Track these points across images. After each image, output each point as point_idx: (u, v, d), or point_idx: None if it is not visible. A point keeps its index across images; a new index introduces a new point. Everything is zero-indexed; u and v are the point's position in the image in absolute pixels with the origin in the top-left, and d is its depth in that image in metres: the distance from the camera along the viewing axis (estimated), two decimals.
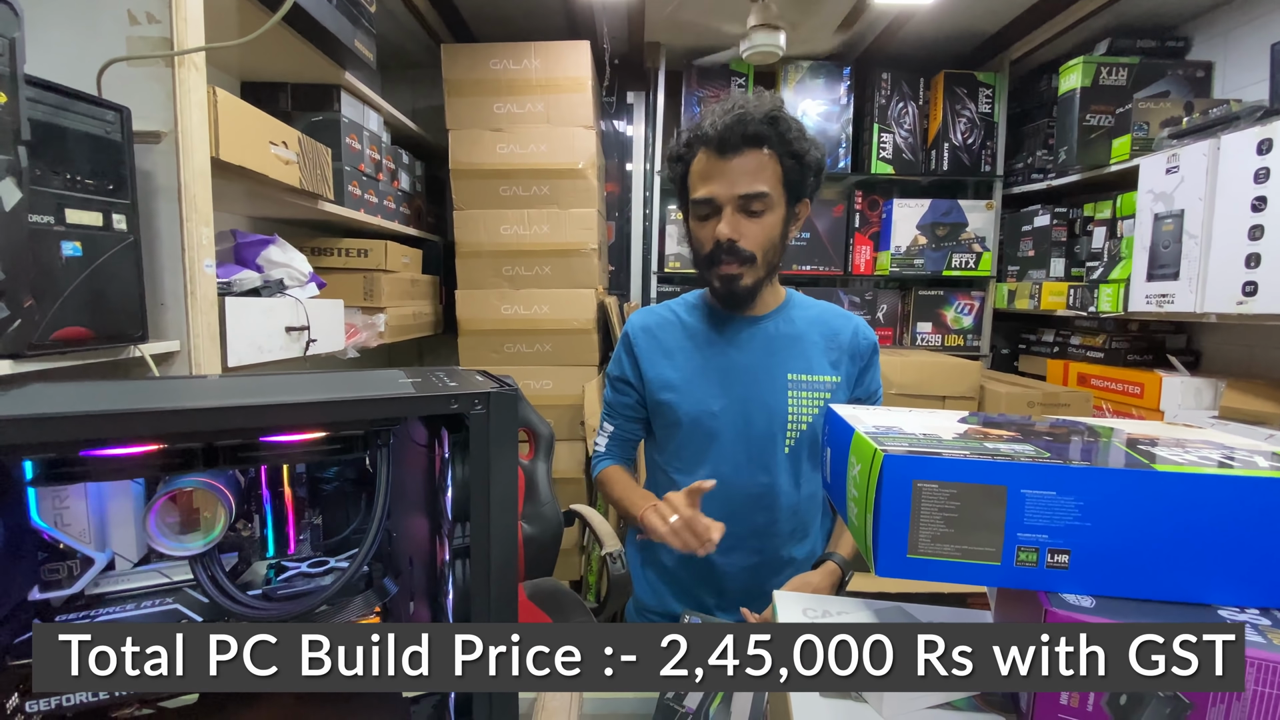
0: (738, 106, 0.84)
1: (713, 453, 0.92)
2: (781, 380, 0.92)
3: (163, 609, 0.56)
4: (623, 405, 1.00)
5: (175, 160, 0.96)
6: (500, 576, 0.56)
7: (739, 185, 0.84)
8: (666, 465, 0.97)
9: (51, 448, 0.45)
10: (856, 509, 0.53)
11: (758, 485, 0.91)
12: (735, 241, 0.85)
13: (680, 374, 0.94)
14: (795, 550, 0.94)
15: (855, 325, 0.98)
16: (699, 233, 0.89)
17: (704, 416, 0.91)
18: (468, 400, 0.54)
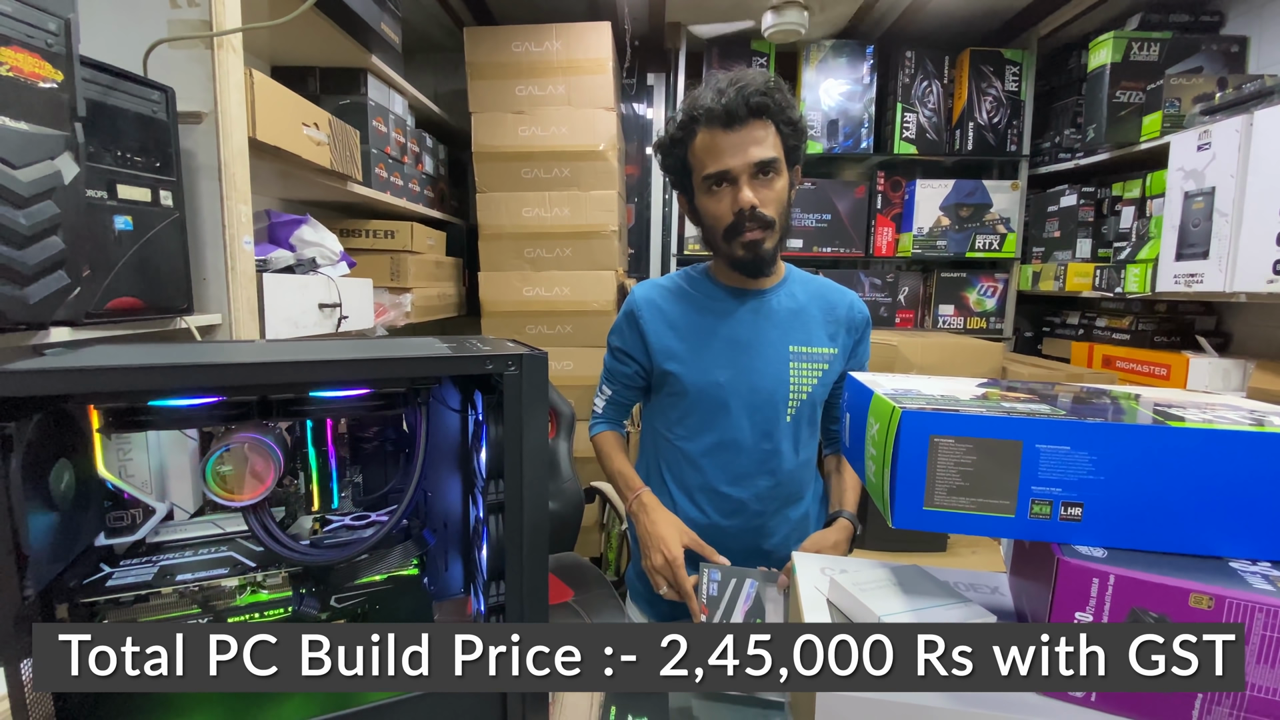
0: (735, 81, 0.86)
1: (719, 421, 0.95)
2: (784, 352, 0.95)
3: (218, 555, 0.60)
4: (622, 374, 1.04)
5: (215, 140, 1.00)
6: (533, 529, 0.59)
7: (751, 153, 0.86)
8: (670, 432, 1.00)
9: (121, 397, 0.48)
10: (874, 466, 0.55)
11: (762, 451, 0.95)
12: (756, 207, 0.87)
13: (686, 345, 0.97)
14: (791, 512, 0.98)
15: (850, 300, 1.01)
16: (713, 208, 0.91)
17: (710, 387, 0.94)
18: (501, 361, 0.57)
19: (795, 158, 0.92)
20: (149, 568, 0.57)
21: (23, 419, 0.45)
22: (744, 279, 0.97)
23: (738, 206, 0.88)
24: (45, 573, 0.48)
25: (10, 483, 0.44)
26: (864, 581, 0.59)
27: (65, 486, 0.51)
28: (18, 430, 0.45)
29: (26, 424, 0.46)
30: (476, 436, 0.69)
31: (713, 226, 0.92)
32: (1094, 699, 0.46)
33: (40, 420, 0.49)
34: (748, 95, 0.85)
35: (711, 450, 0.96)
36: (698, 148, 0.90)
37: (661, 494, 1.00)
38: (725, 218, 0.90)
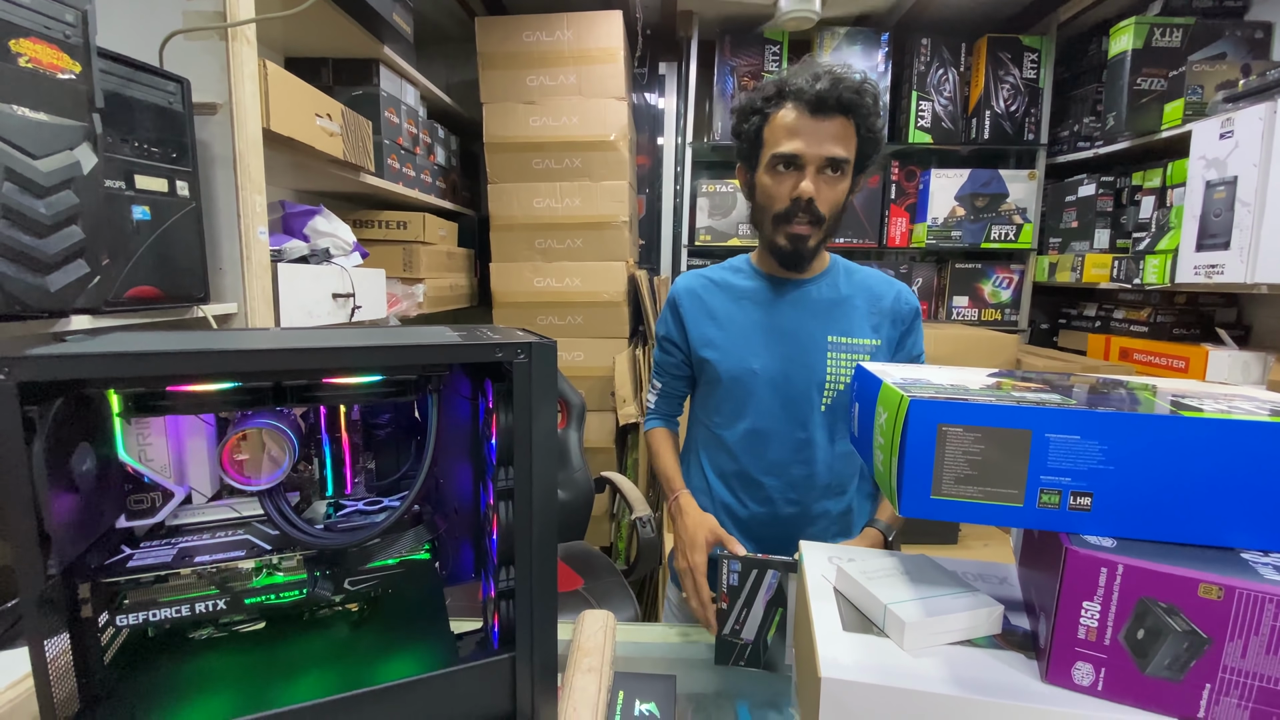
0: (829, 70, 0.86)
1: (750, 408, 0.95)
2: (822, 342, 0.94)
3: (235, 539, 0.61)
4: (669, 364, 1.05)
5: (230, 130, 1.01)
6: (542, 515, 0.60)
7: (826, 147, 0.86)
8: (708, 419, 1.01)
9: (142, 382, 0.49)
10: (882, 455, 0.54)
11: (795, 439, 0.95)
12: (813, 201, 0.87)
13: (723, 333, 0.97)
14: (830, 505, 0.97)
15: (898, 290, 1.00)
16: (773, 188, 0.90)
17: (744, 374, 0.95)
18: (511, 349, 0.58)
19: (864, 165, 0.92)
20: (168, 550, 0.58)
21: (46, 403, 0.47)
22: (783, 269, 0.97)
23: (796, 194, 0.87)
24: (68, 553, 0.49)
25: (34, 464, 0.45)
26: (871, 570, 0.59)
27: (87, 469, 0.52)
28: (41, 414, 0.46)
29: (49, 408, 0.47)
30: (487, 424, 0.70)
31: (765, 206, 0.92)
32: (1100, 688, 0.46)
33: (63, 404, 0.50)
34: (841, 88, 0.84)
35: (745, 437, 0.96)
36: (777, 123, 0.89)
37: (699, 480, 1.02)
38: (780, 201, 0.90)
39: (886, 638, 0.53)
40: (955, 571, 0.61)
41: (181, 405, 0.52)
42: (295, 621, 0.69)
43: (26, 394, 0.44)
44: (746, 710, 0.78)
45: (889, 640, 0.53)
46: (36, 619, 0.47)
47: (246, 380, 0.52)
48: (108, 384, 0.48)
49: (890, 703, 0.48)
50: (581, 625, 0.83)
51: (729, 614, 0.80)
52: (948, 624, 0.53)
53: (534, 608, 0.61)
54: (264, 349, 0.48)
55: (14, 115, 0.63)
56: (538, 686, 0.63)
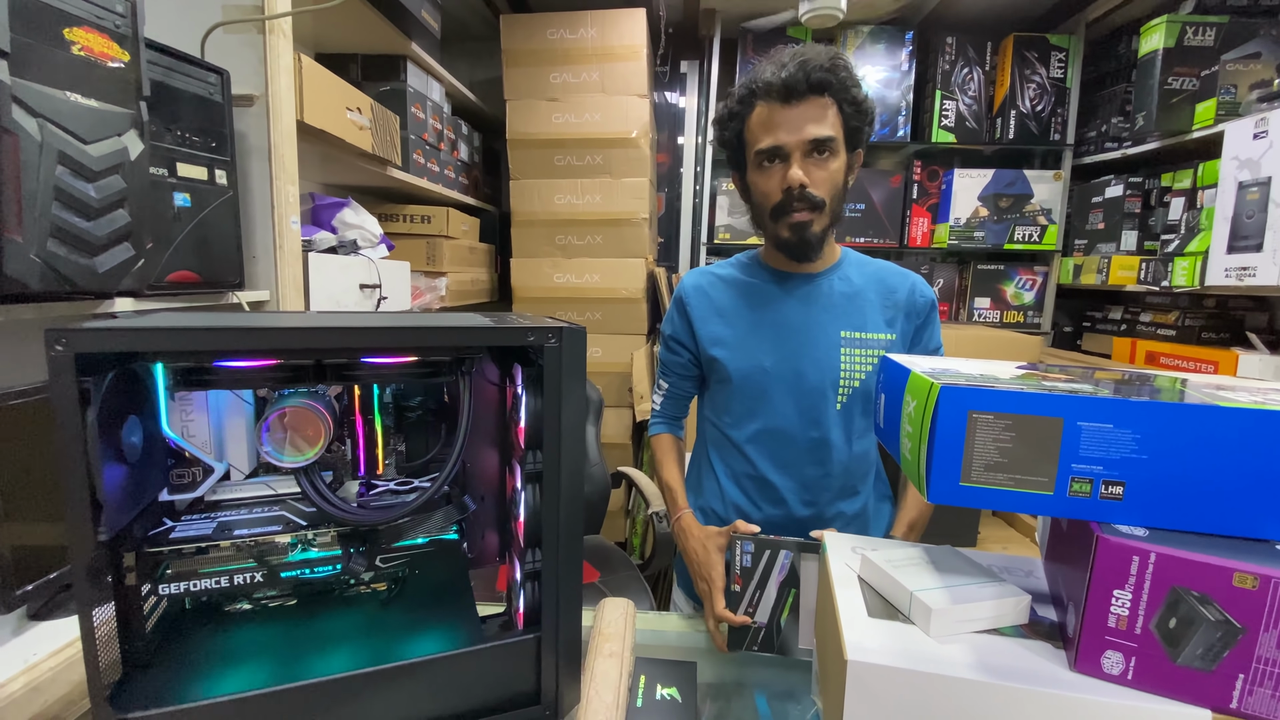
0: (798, 55, 0.84)
1: (763, 408, 0.94)
2: (834, 338, 0.93)
3: (271, 514, 0.62)
4: (675, 364, 1.03)
5: (266, 122, 1.03)
6: (569, 498, 0.61)
7: (807, 130, 0.84)
8: (718, 419, 1.00)
9: (189, 357, 0.51)
10: (910, 444, 0.55)
11: (809, 439, 0.93)
12: (806, 186, 0.86)
13: (732, 331, 0.96)
14: (845, 506, 0.96)
15: (912, 282, 0.97)
16: (764, 184, 0.89)
17: (755, 372, 0.93)
18: (542, 333, 0.59)
19: (857, 140, 0.89)
20: (208, 523, 0.60)
21: (99, 375, 0.48)
22: (793, 262, 0.95)
23: (786, 184, 0.86)
24: (116, 521, 0.51)
25: (88, 434, 0.46)
26: (896, 559, 0.59)
27: (134, 442, 0.54)
28: (95, 385, 0.48)
29: (102, 380, 0.49)
30: (515, 409, 0.71)
31: (760, 204, 0.91)
32: (1130, 677, 0.46)
33: (114, 378, 0.52)
34: (809, 70, 0.83)
35: (757, 437, 0.95)
36: (754, 122, 0.88)
37: (711, 482, 1.00)
38: (774, 195, 0.88)
39: (912, 625, 0.53)
40: (980, 563, 0.61)
41: (226, 381, 0.53)
42: (326, 598, 0.70)
43: (82, 366, 0.46)
44: (765, 700, 0.79)
45: (915, 627, 0.53)
46: (86, 584, 0.48)
47: (289, 357, 0.53)
48: (159, 357, 0.50)
49: (917, 687, 0.48)
50: (602, 612, 0.84)
51: (741, 596, 0.80)
52: (974, 612, 0.53)
53: (560, 588, 0.62)
54: (308, 327, 0.49)
55: (67, 101, 0.65)
56: (562, 667, 0.64)
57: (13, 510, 0.70)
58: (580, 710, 0.66)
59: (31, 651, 0.70)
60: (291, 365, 0.55)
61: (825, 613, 0.62)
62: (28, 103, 0.61)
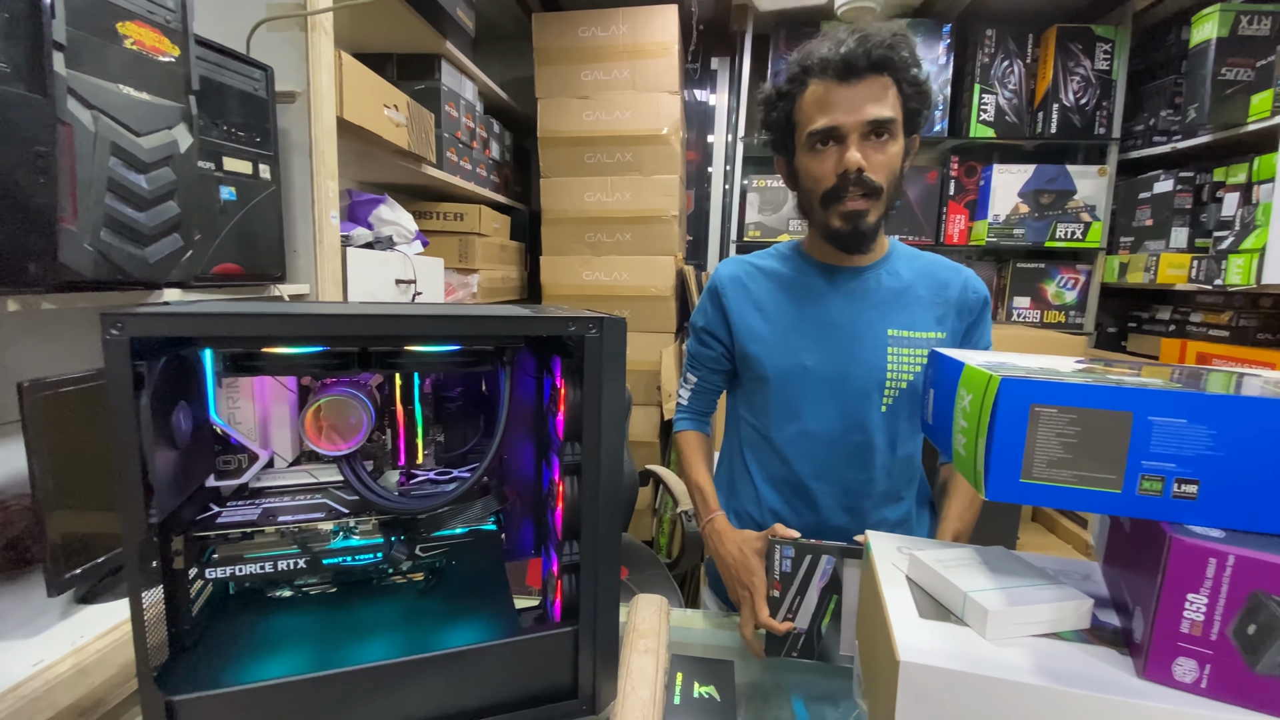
0: (856, 31, 0.80)
1: (803, 408, 0.90)
2: (881, 336, 0.88)
3: (313, 501, 0.63)
4: (706, 357, 0.99)
5: (307, 118, 1.05)
6: (609, 490, 0.60)
7: (866, 110, 0.80)
8: (754, 419, 0.96)
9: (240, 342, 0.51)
10: (965, 439, 0.53)
11: (851, 443, 0.89)
12: (864, 170, 0.81)
13: (771, 326, 0.92)
14: (888, 512, 0.92)
15: (965, 278, 0.93)
16: (816, 168, 0.84)
17: (795, 371, 0.90)
18: (584, 324, 0.58)
19: (915, 124, 0.84)
20: (253, 509, 0.61)
21: (152, 360, 0.49)
22: (839, 254, 0.90)
23: (842, 168, 0.81)
24: (166, 505, 0.52)
25: (141, 417, 0.47)
26: (947, 559, 0.57)
27: (184, 428, 0.55)
28: (148, 369, 0.48)
29: (155, 365, 0.50)
30: (553, 400, 0.70)
31: (811, 190, 0.86)
32: (1204, 685, 0.44)
33: (165, 364, 0.53)
34: (870, 46, 0.78)
35: (796, 440, 0.90)
36: (806, 101, 0.83)
37: (746, 485, 0.96)
38: (826, 180, 0.83)
39: (966, 626, 0.51)
40: (1035, 565, 0.58)
41: (273, 366, 0.54)
42: (364, 587, 0.71)
43: (137, 350, 0.47)
44: (802, 704, 0.77)
45: (969, 629, 0.51)
46: (136, 565, 0.49)
47: (338, 344, 0.53)
48: (210, 342, 0.50)
49: (973, 690, 0.46)
50: (636, 608, 0.83)
51: (781, 602, 0.78)
52: (1032, 615, 0.51)
53: (599, 581, 0.62)
54: (358, 314, 0.49)
55: (119, 93, 0.66)
56: (600, 661, 0.63)
57: (63, 495, 0.72)
58: (617, 705, 0.65)
59: (79, 634, 0.72)
60: (338, 352, 0.55)
61: (871, 614, 0.60)
62: (82, 95, 0.62)
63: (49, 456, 0.68)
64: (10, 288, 0.58)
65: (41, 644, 0.67)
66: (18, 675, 0.61)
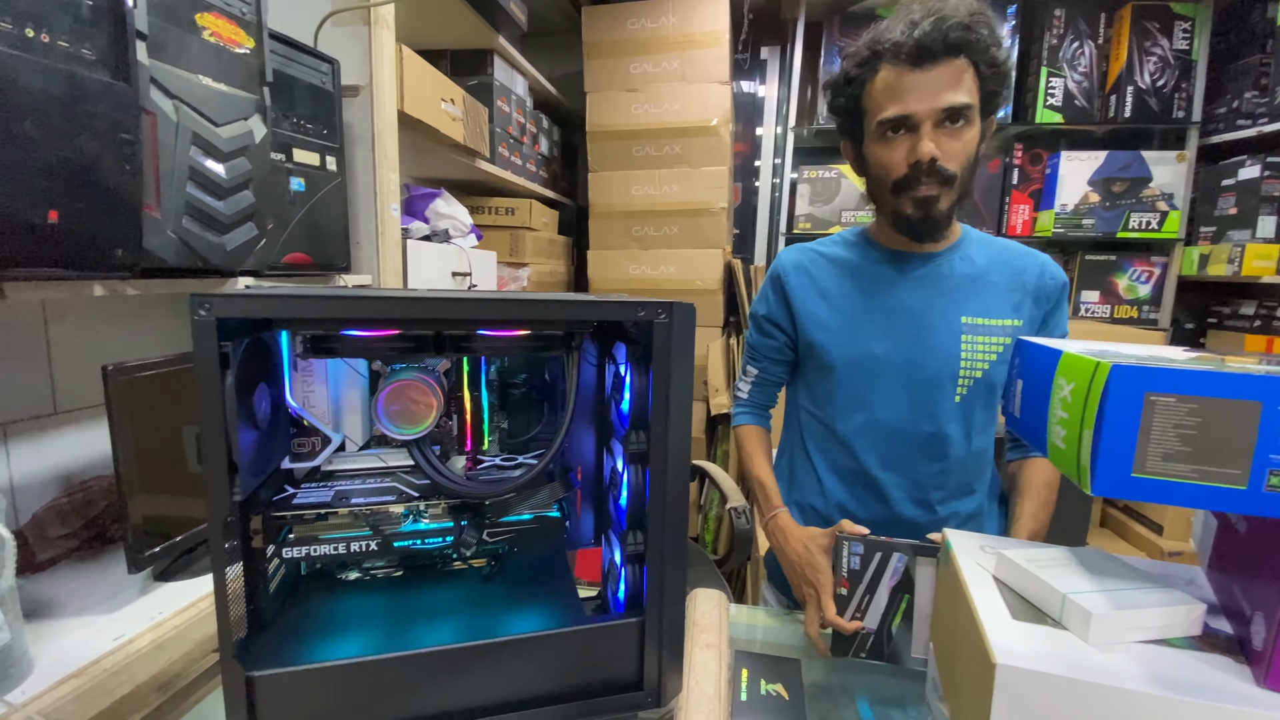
0: (932, 11, 0.76)
1: (872, 399, 0.87)
2: (955, 324, 0.85)
3: (384, 485, 0.64)
4: (767, 348, 0.97)
5: (370, 111, 1.07)
6: (676, 479, 0.59)
7: (941, 97, 0.76)
8: (818, 410, 0.93)
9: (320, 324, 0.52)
10: (1066, 431, 0.49)
11: (923, 434, 0.86)
12: (937, 160, 0.78)
13: (837, 314, 0.90)
14: (961, 506, 0.89)
15: (1042, 263, 0.89)
16: (886, 157, 0.82)
17: (864, 360, 0.87)
18: (653, 309, 0.57)
19: (993, 105, 0.81)
20: (326, 491, 0.62)
21: (236, 342, 0.50)
22: (909, 241, 0.87)
23: (915, 158, 0.78)
24: (248, 484, 0.53)
25: (227, 396, 0.48)
26: (1041, 559, 0.54)
27: (264, 409, 0.56)
28: (233, 349, 0.49)
29: (238, 347, 0.51)
30: (616, 388, 0.70)
31: (881, 178, 0.83)
32: None
33: (247, 346, 0.54)
34: (946, 28, 0.74)
35: (864, 431, 0.88)
36: (877, 87, 0.80)
37: (809, 478, 0.94)
38: (897, 169, 0.81)
39: (1064, 630, 0.48)
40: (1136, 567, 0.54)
41: (349, 349, 0.54)
42: (430, 572, 0.71)
43: (222, 331, 0.48)
44: (868, 707, 0.74)
45: (1067, 633, 0.48)
46: (221, 540, 0.50)
47: (414, 328, 0.53)
48: (291, 324, 0.51)
49: (1078, 697, 0.43)
50: (694, 603, 0.81)
51: (849, 600, 0.75)
52: (1139, 619, 0.47)
53: (665, 571, 0.60)
54: (434, 298, 0.49)
55: (199, 84, 0.68)
56: (666, 653, 0.62)
57: (143, 477, 0.74)
58: (682, 700, 0.64)
59: (157, 610, 0.75)
60: (413, 336, 0.55)
61: (955, 615, 0.57)
62: (164, 84, 0.64)
63: (131, 438, 0.71)
64: (98, 273, 0.60)
65: (121, 619, 0.70)
66: (99, 649, 0.63)
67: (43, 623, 0.68)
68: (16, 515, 0.85)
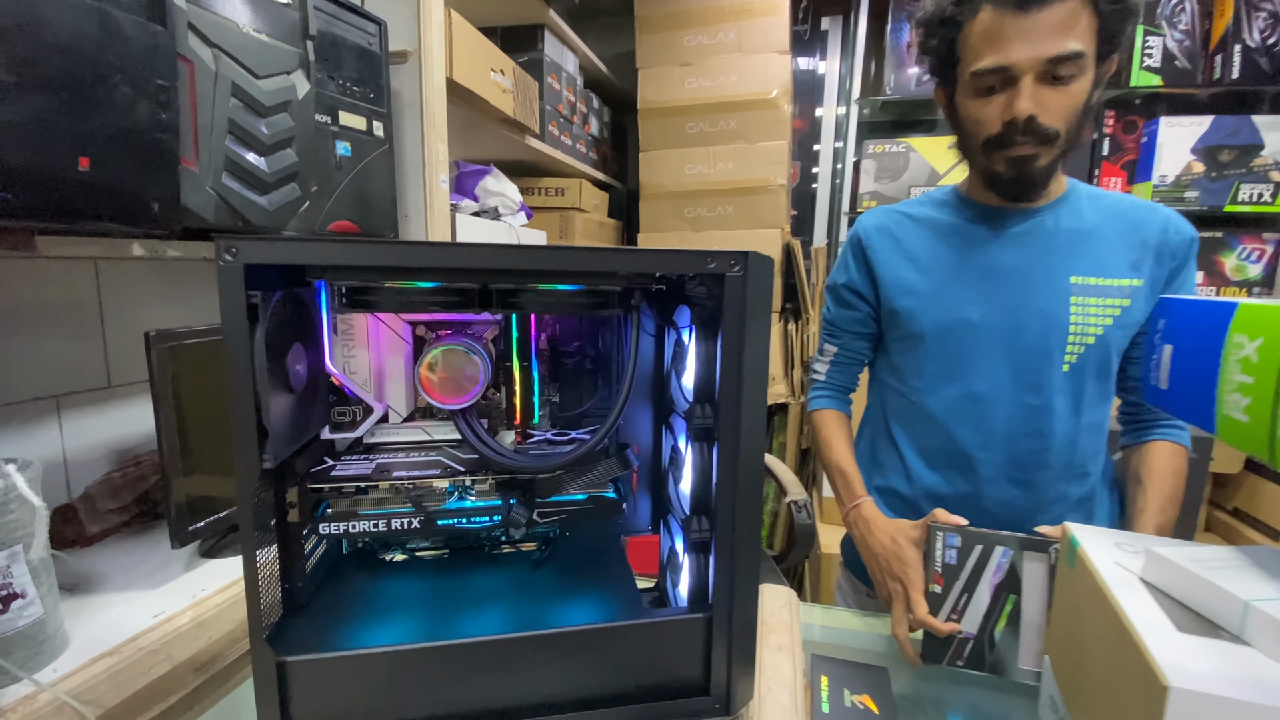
0: None
1: (966, 368, 0.78)
2: (1063, 284, 0.76)
3: (428, 458, 0.59)
4: (848, 320, 0.89)
5: (418, 78, 1.03)
6: (750, 457, 0.51)
7: (1045, 46, 0.66)
8: (903, 384, 0.85)
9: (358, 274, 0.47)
10: (1251, 399, 0.40)
11: (1025, 407, 0.77)
12: (1036, 118, 0.68)
13: (926, 278, 0.81)
14: (1071, 489, 0.79)
15: (1165, 217, 0.78)
16: (976, 112, 0.73)
17: (957, 326, 0.78)
18: (725, 260, 0.49)
19: (1114, 45, 0.69)
20: (367, 464, 0.57)
21: (268, 293, 0.45)
22: (1006, 200, 0.79)
23: (1010, 115, 0.69)
24: (280, 451, 0.48)
25: (255, 351, 0.43)
26: (1207, 559, 0.44)
27: (299, 372, 0.51)
28: (264, 300, 0.44)
29: (270, 299, 0.46)
30: (677, 359, 0.63)
31: (972, 134, 0.75)
32: None
33: (282, 301, 0.49)
34: None
35: (957, 404, 0.79)
36: (975, 31, 0.70)
37: (891, 459, 0.86)
38: (989, 126, 0.71)
39: (1246, 646, 0.39)
40: None
41: (389, 302, 0.49)
42: (476, 554, 0.66)
43: (251, 280, 0.43)
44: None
45: (1251, 649, 0.38)
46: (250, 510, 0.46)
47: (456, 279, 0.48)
48: (327, 272, 0.46)
49: None
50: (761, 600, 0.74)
51: (943, 599, 0.66)
52: None
53: (736, 562, 0.53)
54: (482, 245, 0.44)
55: (239, 32, 0.65)
56: (736, 654, 0.55)
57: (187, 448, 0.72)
58: (754, 708, 0.57)
59: (200, 587, 0.72)
60: (458, 289, 0.50)
61: (1088, 625, 0.48)
62: (203, 31, 0.60)
63: (175, 409, 0.68)
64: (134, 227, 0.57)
65: (163, 595, 0.67)
66: (137, 626, 0.61)
67: (84, 598, 0.67)
68: (70, 488, 0.84)
